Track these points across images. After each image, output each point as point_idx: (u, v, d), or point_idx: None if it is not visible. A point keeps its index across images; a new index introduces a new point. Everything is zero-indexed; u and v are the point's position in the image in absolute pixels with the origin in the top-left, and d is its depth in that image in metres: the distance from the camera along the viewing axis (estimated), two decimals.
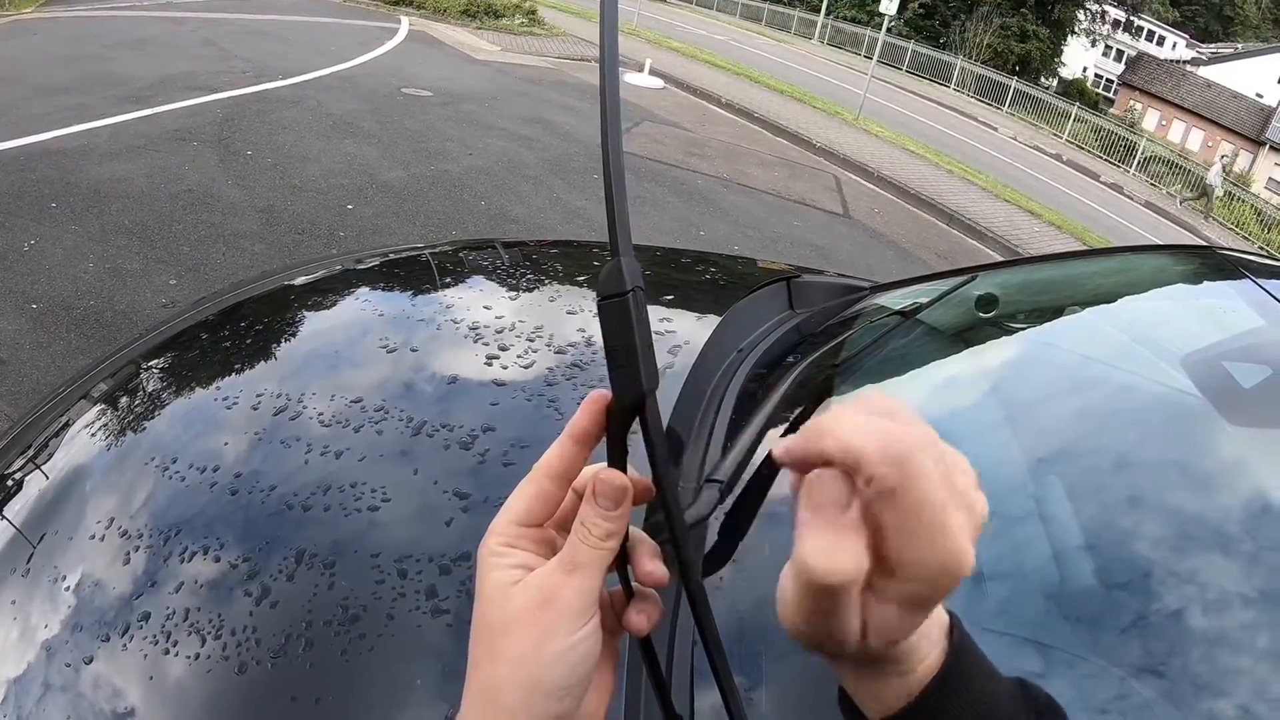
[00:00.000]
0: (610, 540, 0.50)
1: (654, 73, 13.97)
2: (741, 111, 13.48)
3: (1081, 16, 43.19)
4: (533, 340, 1.44)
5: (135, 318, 4.00)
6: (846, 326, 1.67)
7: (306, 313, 1.66)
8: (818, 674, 0.68)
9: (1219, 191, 25.45)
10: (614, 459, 0.50)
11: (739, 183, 9.49)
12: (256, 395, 1.31)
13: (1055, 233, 12.71)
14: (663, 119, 11.54)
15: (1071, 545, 1.05)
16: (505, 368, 1.36)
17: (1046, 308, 1.85)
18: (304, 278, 1.83)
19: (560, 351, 1.42)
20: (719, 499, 0.98)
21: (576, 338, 1.46)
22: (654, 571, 0.51)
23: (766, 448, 1.21)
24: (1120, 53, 49.13)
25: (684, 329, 1.54)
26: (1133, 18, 47.64)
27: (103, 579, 1.04)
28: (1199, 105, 41.69)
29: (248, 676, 0.90)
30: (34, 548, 1.11)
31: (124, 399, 1.43)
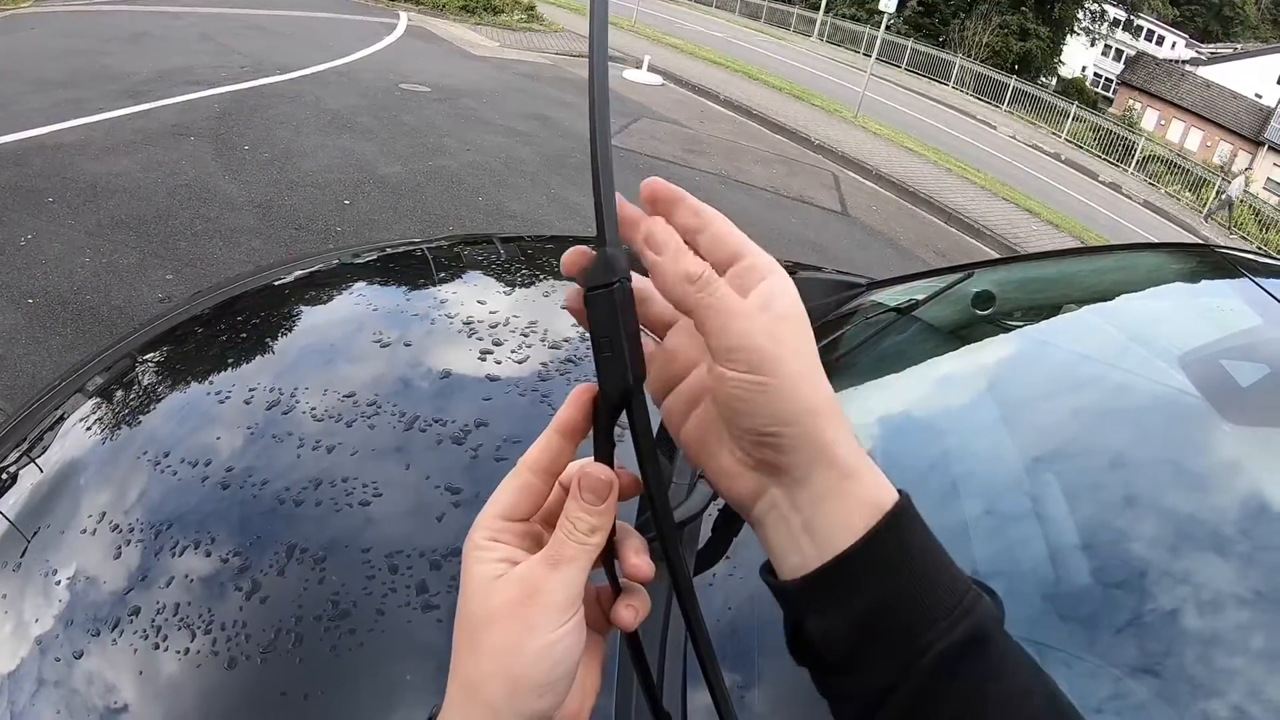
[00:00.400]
0: (595, 535, 0.49)
1: (652, 69, 13.96)
2: (740, 108, 13.47)
3: (1081, 15, 43.20)
4: (527, 335, 1.44)
5: (132, 312, 3.99)
6: (843, 323, 1.67)
7: (301, 307, 1.65)
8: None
9: (1236, 201, 25.51)
10: (600, 453, 0.50)
11: (737, 180, 9.48)
12: (250, 390, 1.31)
13: (1054, 231, 12.71)
14: (661, 115, 11.53)
15: (1068, 544, 1.05)
16: (499, 363, 1.35)
17: (1043, 305, 1.85)
18: (299, 272, 1.83)
19: (554, 347, 1.41)
20: (712, 496, 0.97)
21: (570, 333, 1.45)
22: (640, 565, 0.51)
23: None
24: (1119, 52, 49.15)
25: None
26: (1132, 17, 47.64)
27: (95, 573, 1.03)
28: (1198, 105, 41.70)
29: (237, 672, 0.90)
30: (28, 542, 1.10)
31: (119, 393, 1.43)
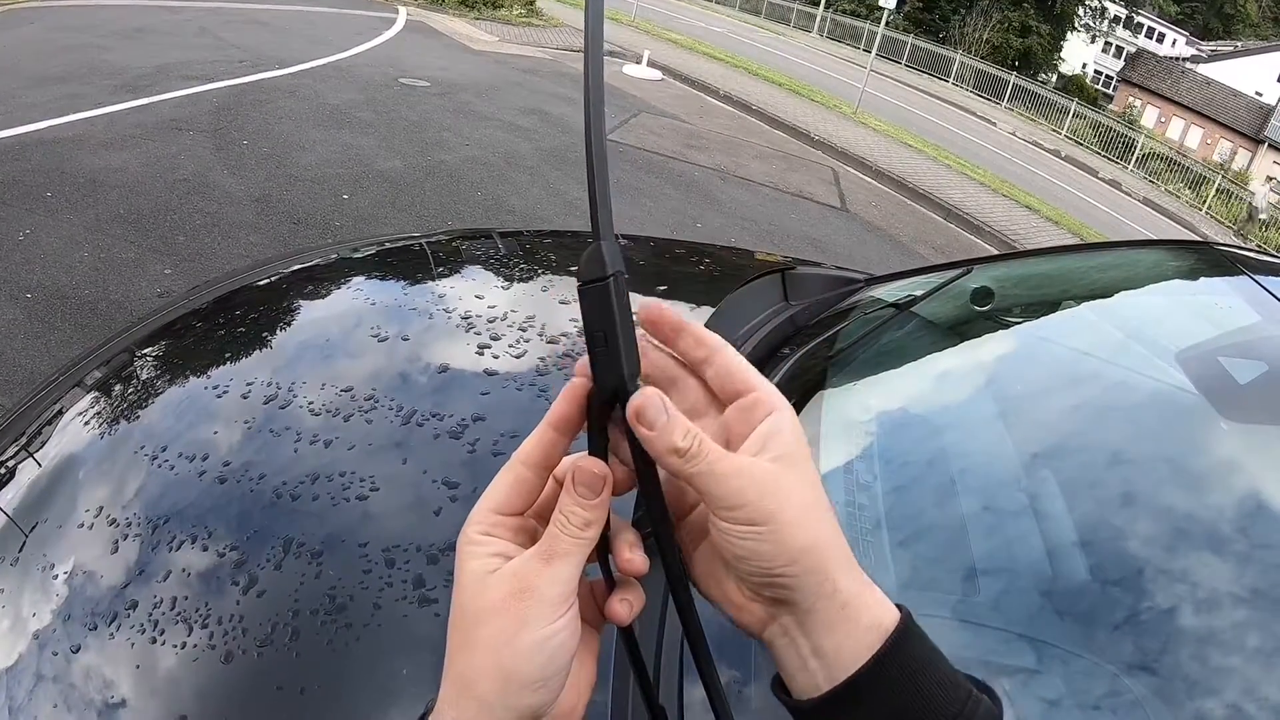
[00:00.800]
0: (589, 530, 0.49)
1: (652, 64, 13.95)
2: (739, 104, 13.45)
3: (1082, 12, 43.17)
4: (525, 330, 1.44)
5: (130, 307, 3.99)
6: (841, 318, 1.67)
7: (299, 302, 1.65)
8: None
9: (1263, 215, 25.45)
10: (594, 447, 0.50)
11: (736, 175, 9.47)
12: (247, 384, 1.31)
13: (1053, 228, 12.71)
14: (660, 111, 11.51)
15: (1065, 540, 1.05)
16: (497, 357, 1.35)
17: (1042, 302, 1.85)
18: (297, 266, 1.83)
19: (552, 341, 1.41)
20: None
21: (569, 327, 1.45)
22: (634, 559, 0.51)
23: None
24: (1120, 49, 49.13)
25: None
26: (1133, 14, 47.60)
27: (93, 568, 1.03)
28: (1198, 103, 41.69)
29: (234, 666, 0.90)
30: (26, 536, 1.10)
31: (117, 387, 1.43)
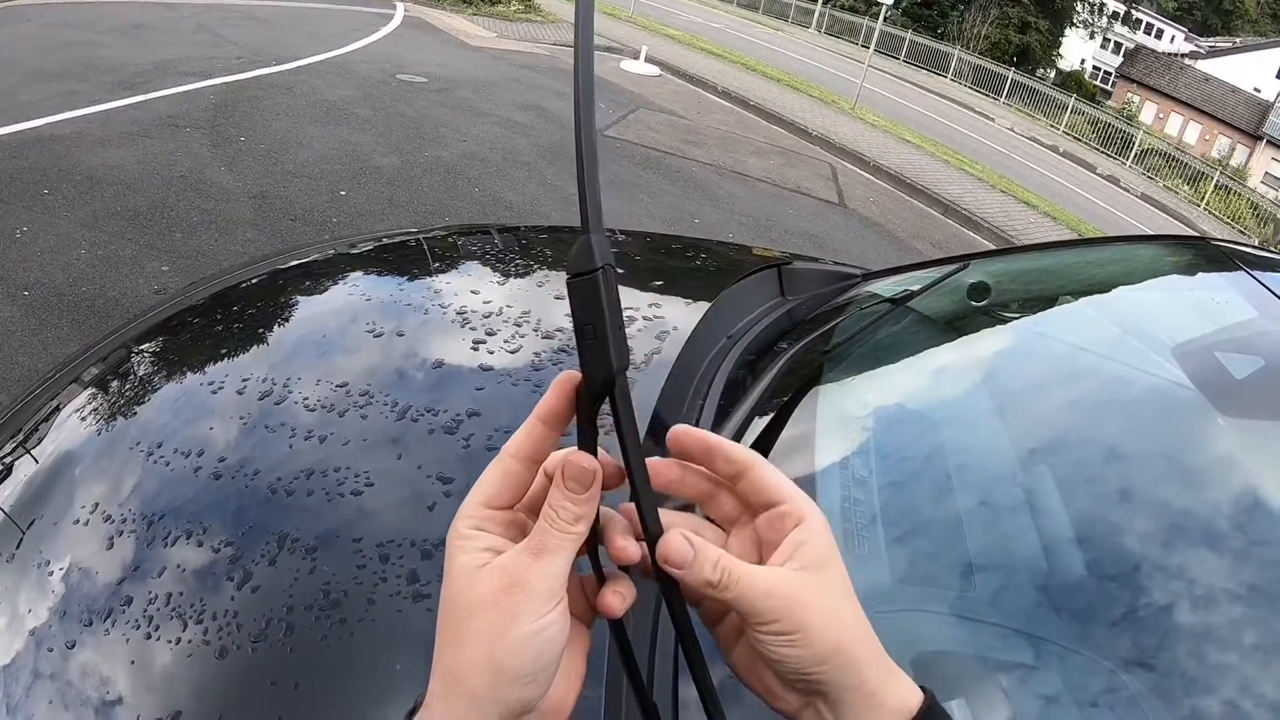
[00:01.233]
0: (579, 524, 0.49)
1: (650, 60, 13.92)
2: (738, 99, 13.44)
3: (1080, 8, 43.16)
4: (520, 325, 1.43)
5: (127, 304, 3.98)
6: (837, 314, 1.67)
7: (296, 297, 1.65)
8: None
9: None
10: (584, 440, 0.50)
11: (734, 170, 9.46)
12: (243, 380, 1.31)
13: (1051, 223, 12.71)
14: (658, 106, 11.50)
15: (1061, 536, 1.05)
16: (492, 353, 1.35)
17: (1039, 297, 1.85)
18: (294, 262, 1.83)
19: (547, 336, 1.41)
20: None
21: (564, 323, 1.45)
22: (626, 548, 0.51)
23: (755, 434, 1.21)
24: (1118, 45, 49.08)
25: (674, 315, 1.54)
26: (1131, 10, 47.58)
27: (89, 564, 1.03)
28: (1196, 99, 41.67)
29: (228, 661, 0.90)
30: (23, 533, 1.10)
31: (114, 383, 1.43)
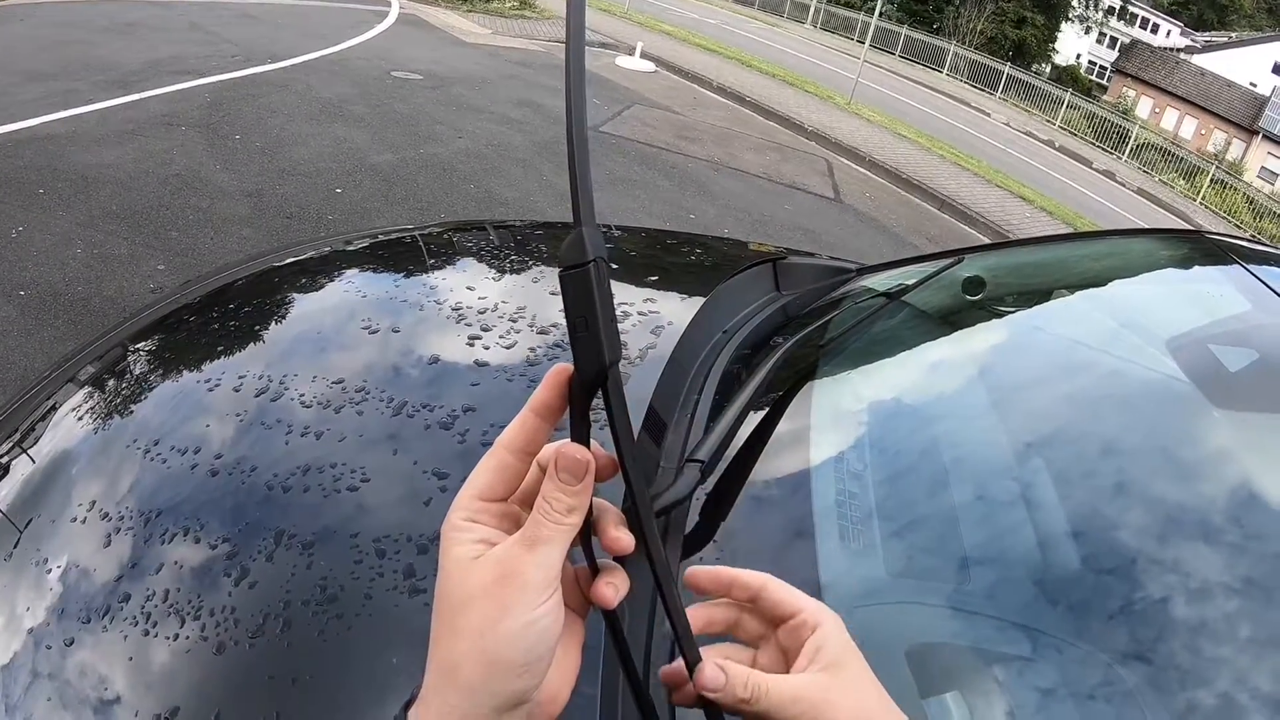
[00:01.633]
0: (572, 515, 0.49)
1: (645, 56, 13.91)
2: (733, 95, 13.44)
3: (1076, 3, 43.16)
4: (515, 321, 1.44)
5: (123, 303, 3.98)
6: (832, 308, 1.67)
7: (292, 295, 1.65)
8: None
9: None
10: (576, 432, 0.50)
11: (730, 166, 9.47)
12: (239, 377, 1.31)
13: (1047, 218, 12.72)
14: (654, 102, 11.50)
15: (1056, 530, 1.05)
16: (487, 348, 1.35)
17: (1034, 291, 1.85)
18: (290, 260, 1.83)
19: (543, 332, 1.41)
20: (700, 479, 0.97)
21: (559, 318, 1.45)
22: (619, 538, 0.51)
23: (750, 429, 1.21)
24: (1114, 40, 49.11)
25: (669, 310, 1.54)
26: (1127, 4, 47.58)
27: (86, 562, 1.03)
28: (1192, 93, 41.71)
29: (226, 657, 0.90)
30: (20, 532, 1.10)
31: (110, 382, 1.43)
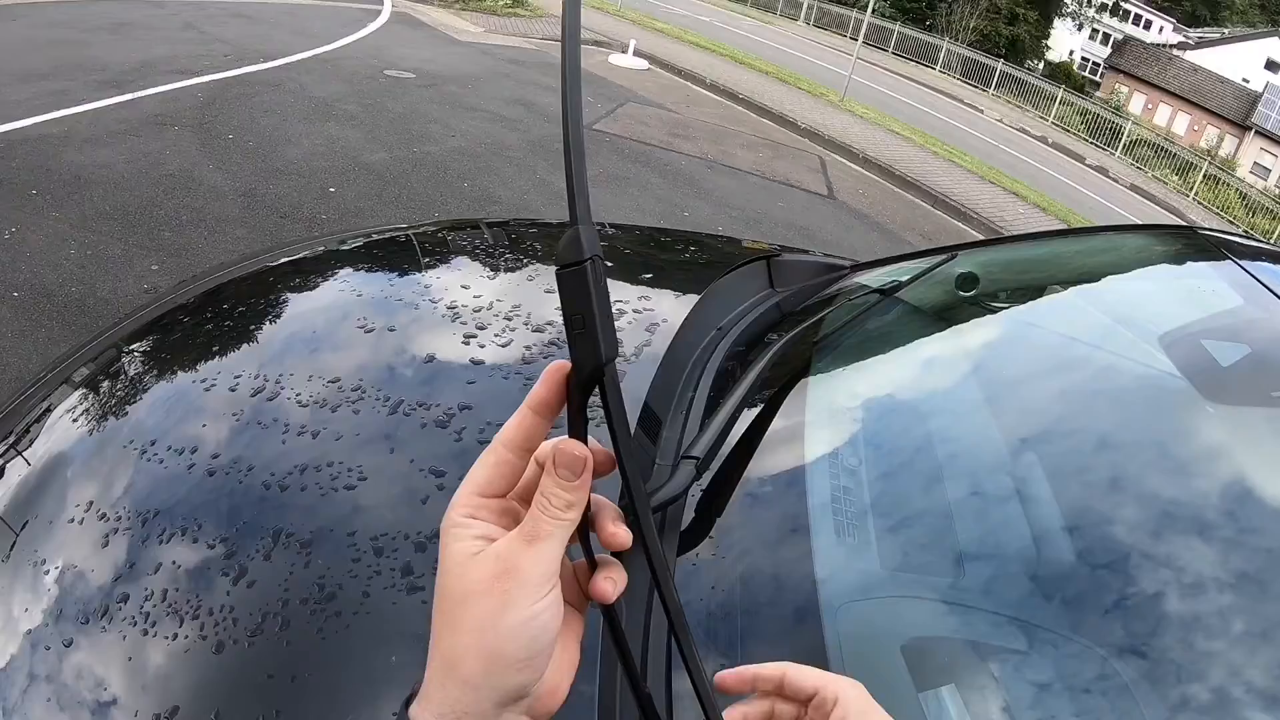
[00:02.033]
0: (571, 511, 0.50)
1: (638, 54, 13.90)
2: (726, 93, 13.44)
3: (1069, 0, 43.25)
4: (510, 319, 1.44)
5: (117, 304, 3.97)
6: (826, 305, 1.68)
7: (286, 294, 1.65)
8: (801, 658, 0.68)
9: None
10: (574, 428, 0.50)
11: (723, 164, 9.47)
12: (235, 377, 1.31)
13: (1040, 214, 12.75)
14: (647, 100, 11.50)
15: (1051, 525, 1.06)
16: (483, 346, 1.36)
17: (1027, 287, 1.86)
18: (284, 259, 1.83)
19: (538, 330, 1.42)
20: (695, 475, 0.98)
21: (554, 316, 1.45)
22: (617, 533, 0.52)
23: (745, 425, 1.22)
24: (1106, 36, 49.16)
25: (664, 308, 1.54)
26: (1120, 1, 47.63)
27: (84, 563, 1.04)
28: (1185, 89, 41.78)
29: (225, 655, 0.90)
30: (16, 535, 1.11)
31: (105, 383, 1.43)
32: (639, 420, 1.15)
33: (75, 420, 1.32)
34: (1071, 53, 49.31)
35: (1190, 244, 1.78)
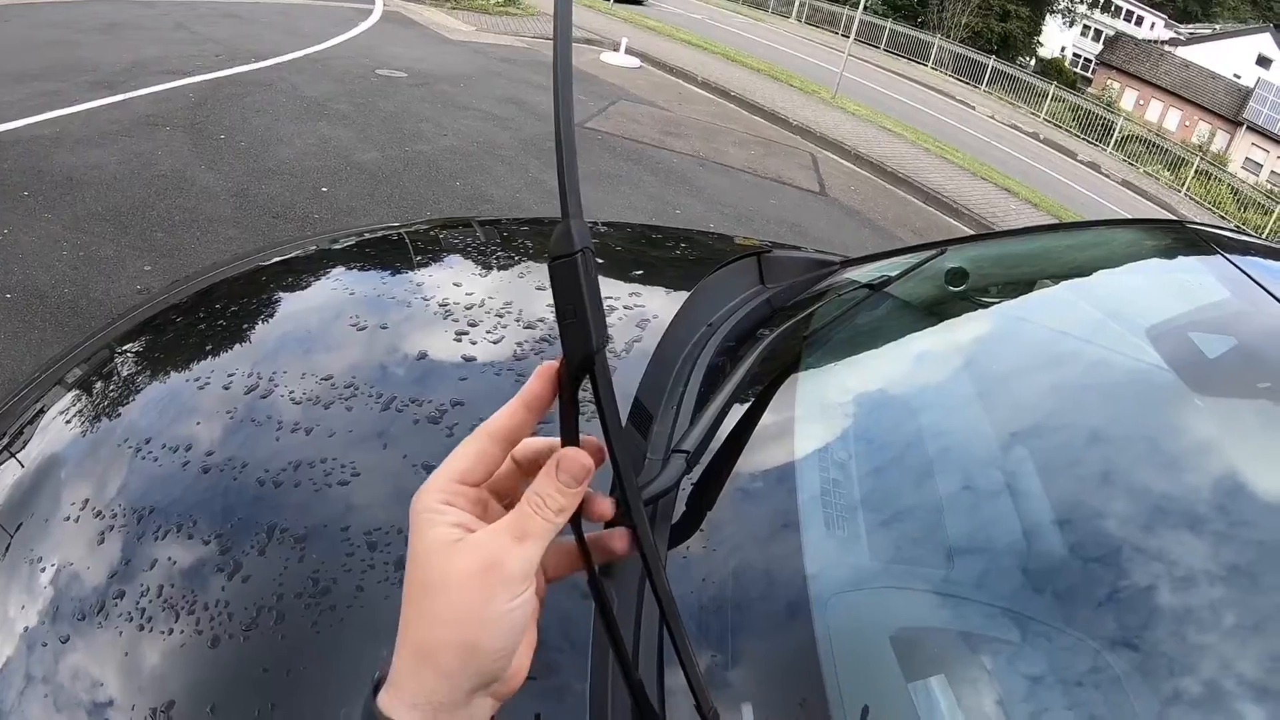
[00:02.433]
0: (562, 515, 0.51)
1: (630, 52, 13.90)
2: (718, 90, 13.43)
3: None
4: (502, 316, 1.45)
5: (110, 305, 3.97)
6: (817, 300, 1.68)
7: (278, 293, 1.65)
8: (792, 649, 0.69)
9: None
10: (565, 420, 0.51)
11: (716, 161, 9.47)
12: (229, 376, 1.31)
13: (1032, 210, 12.76)
14: (639, 98, 11.49)
15: (1041, 518, 1.06)
16: (474, 343, 1.36)
17: (1017, 281, 1.86)
18: (276, 259, 1.83)
19: (529, 326, 1.42)
20: (686, 469, 0.99)
21: (546, 313, 1.46)
22: (603, 504, 0.54)
23: (736, 420, 1.22)
24: (1098, 32, 49.25)
25: (655, 304, 1.55)
26: None
27: (79, 560, 1.04)
28: (1177, 85, 41.87)
29: (220, 650, 0.91)
30: (10, 536, 1.11)
31: (98, 384, 1.43)
32: (630, 416, 1.16)
33: (69, 421, 1.32)
34: (1063, 49, 49.41)
35: (1179, 238, 1.78)
